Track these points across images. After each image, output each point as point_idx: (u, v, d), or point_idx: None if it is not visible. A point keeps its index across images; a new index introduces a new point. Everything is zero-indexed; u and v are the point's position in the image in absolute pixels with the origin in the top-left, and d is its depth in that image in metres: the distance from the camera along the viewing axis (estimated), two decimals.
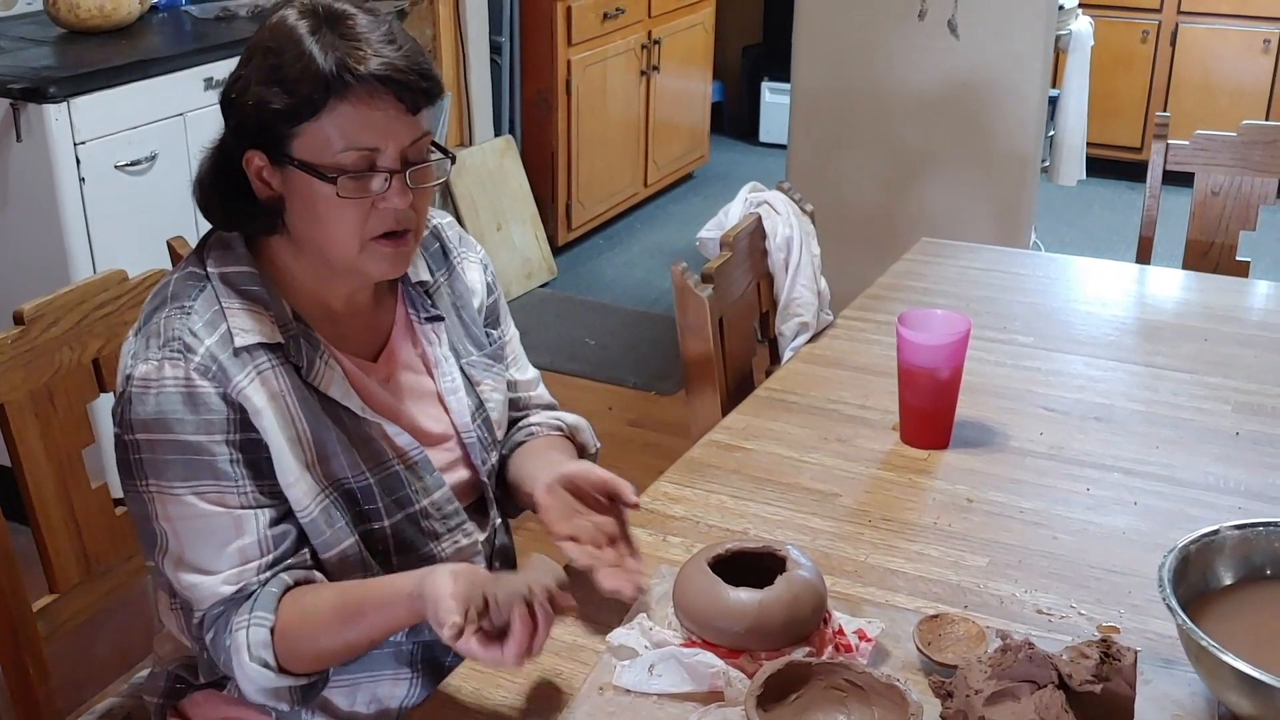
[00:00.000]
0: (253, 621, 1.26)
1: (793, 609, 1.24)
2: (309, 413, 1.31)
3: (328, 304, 1.37)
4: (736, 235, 2.04)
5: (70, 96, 2.69)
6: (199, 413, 1.26)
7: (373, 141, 1.26)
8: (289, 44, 1.25)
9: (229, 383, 1.27)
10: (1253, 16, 5.20)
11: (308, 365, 1.32)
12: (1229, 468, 1.68)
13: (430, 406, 1.45)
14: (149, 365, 1.26)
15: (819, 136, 3.67)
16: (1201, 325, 2.13)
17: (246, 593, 1.28)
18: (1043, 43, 3.41)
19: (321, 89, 1.23)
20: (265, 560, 1.29)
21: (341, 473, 1.34)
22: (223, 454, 1.27)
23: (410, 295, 1.45)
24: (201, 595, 1.28)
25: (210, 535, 1.27)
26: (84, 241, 2.77)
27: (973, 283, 2.30)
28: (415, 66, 1.26)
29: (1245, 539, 1.32)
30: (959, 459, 1.70)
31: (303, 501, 1.31)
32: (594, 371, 3.86)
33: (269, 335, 1.30)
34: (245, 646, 1.26)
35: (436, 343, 1.46)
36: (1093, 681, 1.10)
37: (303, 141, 1.26)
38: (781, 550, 1.31)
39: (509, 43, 4.41)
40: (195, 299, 1.30)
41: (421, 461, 1.40)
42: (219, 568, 1.28)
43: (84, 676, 2.05)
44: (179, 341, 1.27)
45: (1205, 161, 2.55)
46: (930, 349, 1.68)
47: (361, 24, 1.26)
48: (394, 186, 1.28)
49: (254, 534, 1.28)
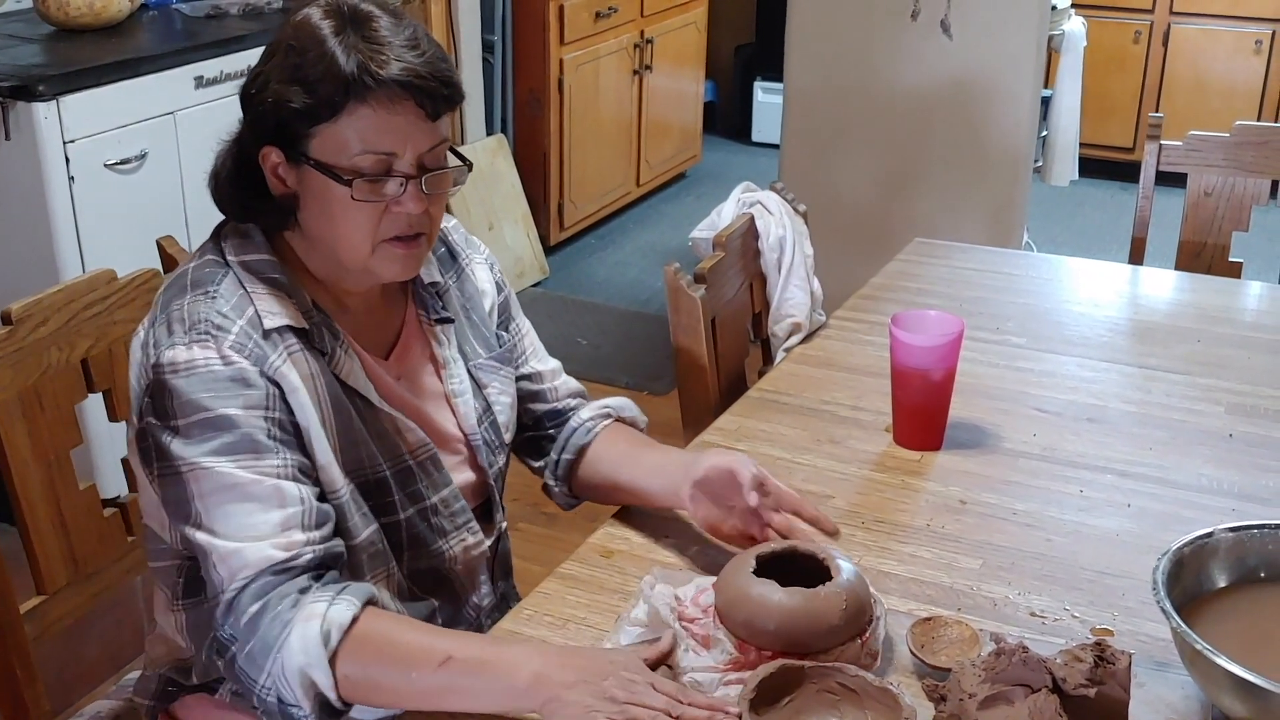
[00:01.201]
0: (338, 599, 1.19)
1: (847, 610, 1.23)
2: (335, 400, 1.31)
3: (341, 299, 1.38)
4: (729, 235, 2.03)
5: (60, 95, 2.67)
6: (239, 389, 1.24)
7: (390, 146, 1.25)
8: (312, 43, 1.25)
9: (265, 361, 1.26)
10: (1244, 17, 5.21)
11: (330, 353, 1.32)
12: (1222, 469, 1.68)
13: (439, 408, 1.45)
14: (177, 350, 1.24)
15: (812, 136, 3.66)
16: (1194, 326, 2.13)
17: (302, 561, 1.21)
18: (1035, 43, 3.41)
19: (342, 91, 1.23)
20: (312, 534, 1.23)
21: (363, 462, 1.33)
22: (262, 428, 1.24)
23: (421, 296, 1.45)
24: (247, 560, 1.20)
25: (254, 503, 1.22)
26: (73, 241, 2.75)
27: (965, 283, 2.29)
28: (437, 73, 1.26)
29: (1239, 541, 1.31)
30: (952, 460, 1.70)
31: (329, 487, 1.30)
32: (586, 371, 3.85)
33: (296, 320, 1.30)
34: (322, 616, 1.17)
35: (446, 344, 1.46)
36: (1087, 685, 1.10)
37: (320, 142, 1.25)
38: (824, 554, 1.30)
39: (501, 41, 4.41)
40: (219, 283, 1.29)
41: (434, 457, 1.40)
42: (266, 533, 1.22)
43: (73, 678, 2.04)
44: (207, 323, 1.25)
45: (1198, 162, 2.55)
46: (923, 350, 1.67)
47: (385, 27, 1.26)
48: (409, 191, 1.27)
49: (298, 504, 1.24)
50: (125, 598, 1.78)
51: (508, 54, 4.45)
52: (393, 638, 1.20)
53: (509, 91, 4.49)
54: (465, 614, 1.42)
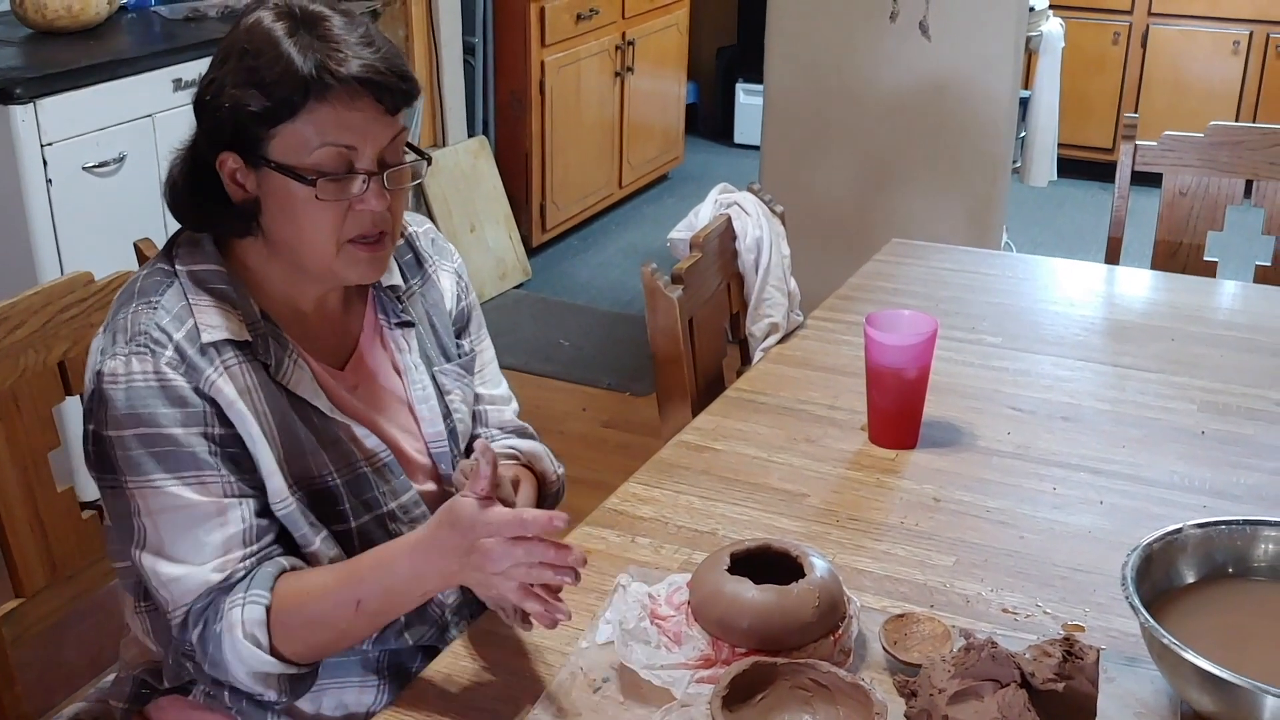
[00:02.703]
0: (248, 600, 1.24)
1: (820, 607, 1.24)
2: (277, 411, 1.31)
3: (297, 307, 1.37)
4: (706, 236, 2.04)
5: (37, 97, 2.67)
6: (174, 405, 1.25)
7: (350, 141, 1.26)
8: (266, 46, 1.24)
9: (199, 377, 1.26)
10: (1223, 18, 5.24)
11: (276, 364, 1.32)
12: (1194, 466, 1.70)
13: (399, 414, 1.44)
14: (117, 361, 1.25)
15: (792, 138, 3.68)
16: (1168, 325, 2.15)
17: (234, 580, 1.26)
18: (1013, 44, 3.43)
19: (301, 91, 1.23)
20: (251, 550, 1.27)
21: (310, 472, 1.33)
22: (202, 445, 1.26)
23: (381, 300, 1.45)
24: (188, 587, 1.26)
25: (195, 524, 1.26)
26: (51, 243, 2.75)
27: (942, 283, 2.31)
28: (394, 68, 1.26)
29: (1207, 537, 1.33)
30: (926, 459, 1.71)
31: (280, 494, 1.30)
32: (568, 372, 3.86)
33: (236, 332, 1.30)
34: (239, 624, 1.23)
35: (407, 350, 1.45)
36: (1055, 680, 1.11)
37: (279, 143, 1.25)
38: (797, 551, 1.31)
39: (482, 43, 4.41)
40: (162, 294, 1.29)
41: (390, 464, 1.40)
42: (205, 558, 1.26)
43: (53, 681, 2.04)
44: (146, 336, 1.26)
45: (1173, 162, 2.56)
46: (897, 349, 1.69)
47: (338, 25, 1.26)
48: (372, 188, 1.28)
49: (239, 523, 1.27)
50: (104, 600, 1.77)
51: (489, 56, 4.45)
52: (306, 610, 1.25)
53: (490, 93, 4.50)
54: (430, 612, 1.42)
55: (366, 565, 1.26)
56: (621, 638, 1.27)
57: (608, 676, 1.27)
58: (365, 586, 1.24)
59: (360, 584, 1.24)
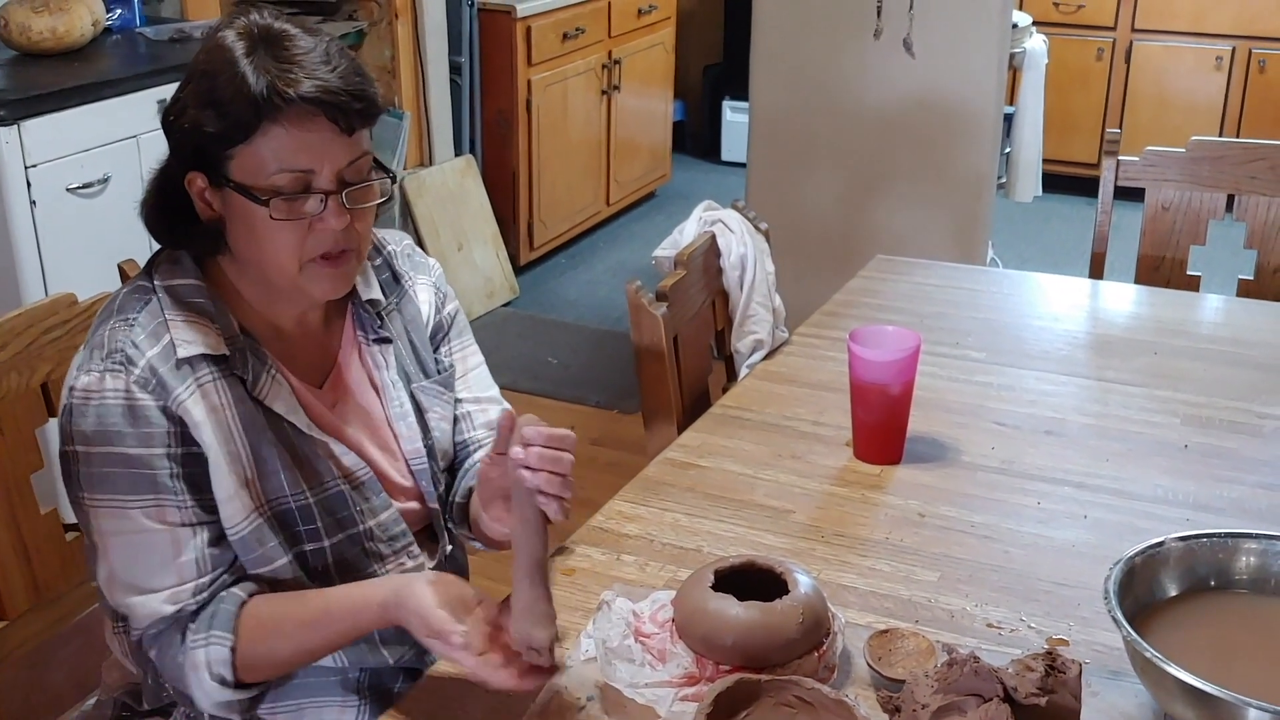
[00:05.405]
0: (211, 640, 1.27)
1: (804, 623, 1.24)
2: (251, 428, 1.31)
3: (276, 324, 1.37)
4: (691, 253, 2.05)
5: (21, 119, 2.67)
6: (139, 426, 1.25)
7: (307, 163, 1.25)
8: (224, 65, 1.25)
9: (169, 395, 1.26)
10: (1206, 34, 5.27)
11: (253, 378, 1.32)
12: (1178, 480, 1.70)
13: (378, 432, 1.44)
14: (91, 377, 1.26)
15: (778, 155, 3.69)
16: (1152, 339, 2.16)
17: (186, 612, 1.28)
18: (997, 60, 3.45)
19: (253, 111, 1.22)
20: (204, 580, 1.29)
21: (279, 491, 1.33)
22: (163, 468, 1.26)
23: (360, 316, 1.45)
24: (141, 614, 1.29)
25: (149, 552, 1.27)
26: (35, 264, 2.74)
27: (926, 299, 2.31)
28: (350, 87, 1.25)
29: (1190, 550, 1.33)
30: (911, 474, 1.71)
31: (234, 519, 1.30)
32: (556, 390, 3.86)
33: (213, 347, 1.30)
34: (205, 665, 1.27)
35: (385, 366, 1.45)
36: (1038, 694, 1.11)
37: (238, 163, 1.26)
38: (781, 568, 1.31)
39: (469, 63, 4.42)
40: (140, 311, 1.30)
41: (369, 482, 1.39)
42: (157, 586, 1.27)
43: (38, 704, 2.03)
44: (120, 354, 1.26)
45: (1155, 177, 2.58)
46: (881, 365, 1.69)
47: (300, 45, 1.25)
48: (330, 208, 1.27)
49: (192, 552, 1.28)
50: (88, 623, 1.76)
51: (475, 75, 4.46)
52: (274, 648, 1.29)
53: (477, 112, 4.51)
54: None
55: (337, 607, 1.28)
56: (605, 656, 1.27)
57: (591, 695, 1.27)
58: (334, 627, 1.28)
59: (329, 625, 1.28)
